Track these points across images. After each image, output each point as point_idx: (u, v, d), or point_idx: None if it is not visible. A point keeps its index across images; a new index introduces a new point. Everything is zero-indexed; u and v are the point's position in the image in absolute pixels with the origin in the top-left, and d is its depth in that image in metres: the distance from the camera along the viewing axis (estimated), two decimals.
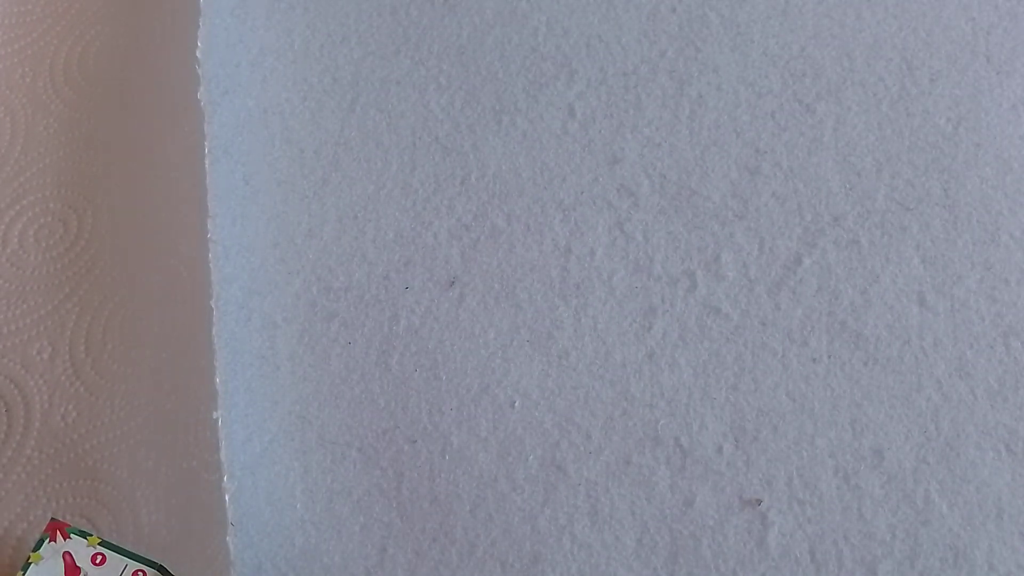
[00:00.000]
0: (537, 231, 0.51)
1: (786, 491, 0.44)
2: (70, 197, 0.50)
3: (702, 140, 0.53)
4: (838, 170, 0.51)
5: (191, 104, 0.50)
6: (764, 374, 0.47)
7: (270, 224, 0.52)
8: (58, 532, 0.40)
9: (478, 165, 0.53)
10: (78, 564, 0.40)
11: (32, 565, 0.39)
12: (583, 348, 0.48)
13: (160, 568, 0.40)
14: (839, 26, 0.56)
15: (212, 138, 0.51)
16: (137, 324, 0.46)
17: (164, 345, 0.46)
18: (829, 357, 0.47)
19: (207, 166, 0.49)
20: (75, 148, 0.51)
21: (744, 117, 0.53)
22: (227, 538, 0.42)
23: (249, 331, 0.49)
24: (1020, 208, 0.50)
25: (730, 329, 0.48)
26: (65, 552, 0.40)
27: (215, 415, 0.44)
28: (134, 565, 0.40)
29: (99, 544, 0.40)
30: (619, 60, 0.56)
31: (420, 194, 0.52)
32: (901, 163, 0.51)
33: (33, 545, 0.40)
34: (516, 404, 0.47)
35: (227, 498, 0.42)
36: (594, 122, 0.54)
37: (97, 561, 0.40)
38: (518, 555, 0.43)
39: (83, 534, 0.40)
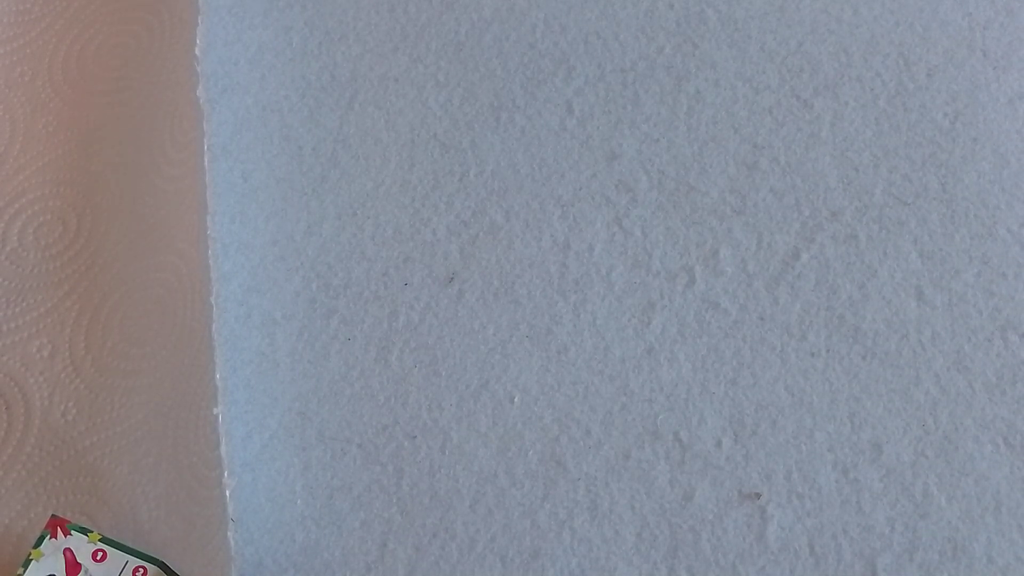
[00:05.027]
0: (536, 227, 0.51)
1: (785, 485, 0.44)
2: (69, 195, 0.50)
3: (700, 136, 0.53)
4: (836, 165, 0.51)
5: (190, 102, 0.50)
6: (763, 368, 0.47)
7: (269, 221, 0.52)
8: (59, 529, 0.40)
9: (476, 162, 0.53)
10: (79, 560, 0.40)
11: (33, 562, 0.39)
12: (582, 343, 0.48)
13: (161, 564, 0.40)
14: (836, 22, 0.56)
15: (211, 136, 0.51)
16: (137, 321, 0.47)
17: (164, 342, 0.46)
18: (827, 351, 0.47)
19: (206, 164, 0.49)
20: (74, 146, 0.51)
21: (742, 113, 0.53)
22: (227, 534, 0.42)
23: (248, 328, 0.49)
24: (1017, 202, 0.50)
25: (729, 324, 0.48)
26: (66, 549, 0.40)
27: (215, 412, 0.44)
28: (135, 561, 0.40)
29: (100, 540, 0.40)
30: (617, 57, 0.56)
31: (419, 191, 0.52)
32: (898, 158, 0.51)
33: (34, 542, 0.40)
34: (515, 400, 0.47)
35: (227, 494, 0.42)
36: (592, 118, 0.54)
37: (98, 557, 0.40)
38: (518, 550, 0.43)
39: (84, 531, 0.40)
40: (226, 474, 0.43)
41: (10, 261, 0.48)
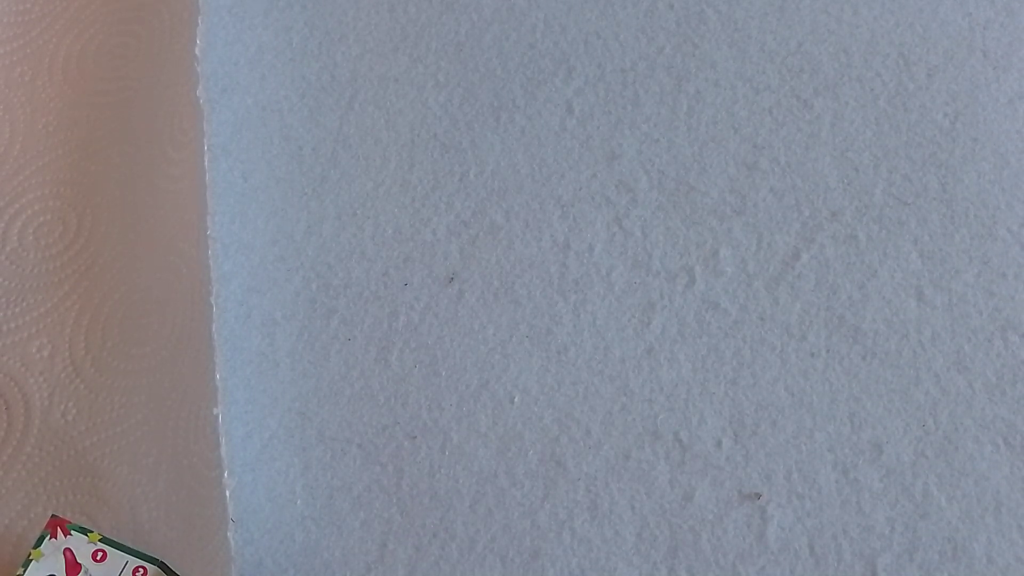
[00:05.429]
0: (536, 227, 0.51)
1: (785, 485, 0.44)
2: (69, 195, 0.50)
3: (700, 136, 0.53)
4: (836, 165, 0.51)
5: (190, 102, 0.50)
6: (763, 369, 0.47)
7: (269, 221, 0.52)
8: (59, 529, 0.40)
9: (476, 162, 0.53)
10: (79, 561, 0.40)
11: (33, 562, 0.39)
12: (582, 344, 0.48)
13: (160, 564, 0.40)
14: (836, 22, 0.56)
15: (211, 136, 0.51)
16: (137, 321, 0.47)
17: (164, 342, 0.46)
18: (827, 351, 0.47)
19: (206, 164, 0.49)
20: (74, 146, 0.51)
21: (742, 113, 0.53)
22: (227, 534, 0.42)
23: (248, 328, 0.49)
24: (1017, 202, 0.50)
25: (729, 324, 0.48)
26: (66, 549, 0.40)
27: (215, 412, 0.44)
28: (135, 562, 0.40)
29: (100, 540, 0.40)
30: (617, 57, 0.56)
31: (419, 191, 0.52)
32: (898, 158, 0.51)
33: (34, 542, 0.40)
34: (515, 400, 0.47)
35: (227, 494, 0.42)
36: (592, 118, 0.54)
37: (98, 558, 0.40)
38: (518, 550, 0.43)
39: (84, 531, 0.40)
40: (226, 474, 0.43)
41: (10, 261, 0.48)
